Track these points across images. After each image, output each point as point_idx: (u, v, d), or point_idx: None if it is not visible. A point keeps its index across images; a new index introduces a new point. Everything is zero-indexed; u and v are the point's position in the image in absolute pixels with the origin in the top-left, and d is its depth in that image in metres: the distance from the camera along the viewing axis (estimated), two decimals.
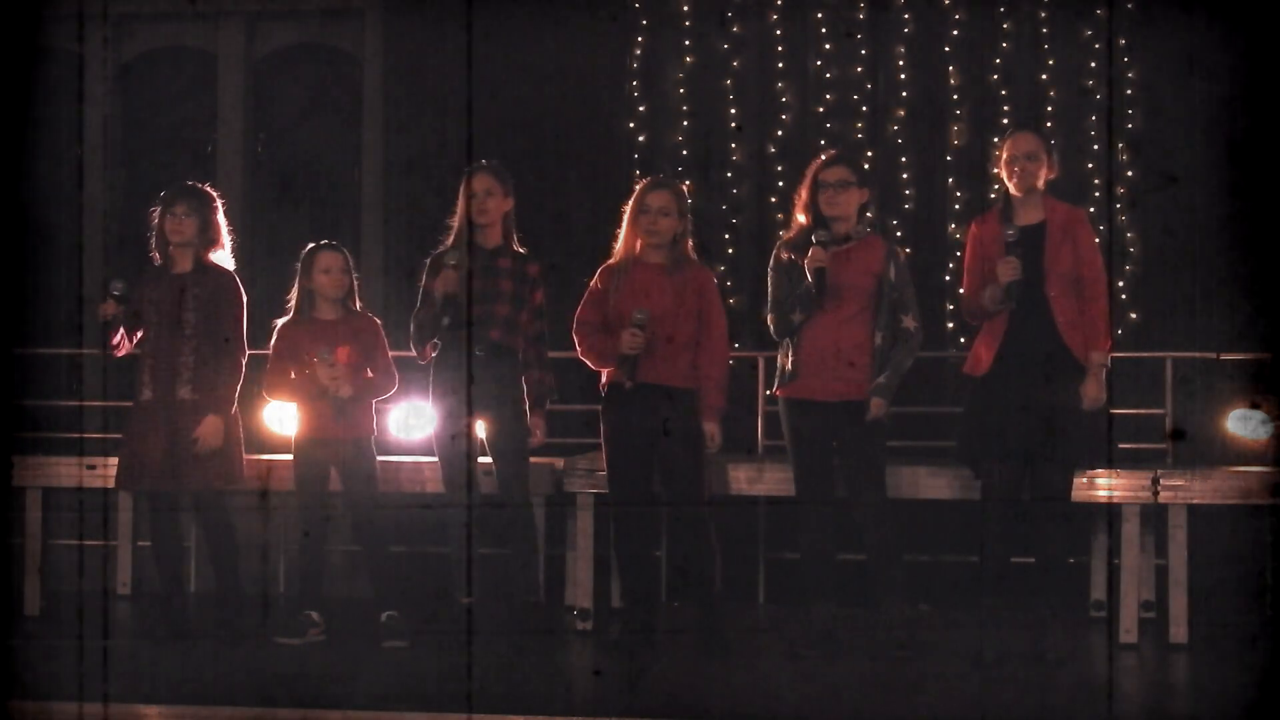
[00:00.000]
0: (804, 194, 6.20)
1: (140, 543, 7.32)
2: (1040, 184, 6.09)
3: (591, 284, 6.24)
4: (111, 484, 7.01)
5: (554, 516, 6.92)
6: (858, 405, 6.05)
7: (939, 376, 7.54)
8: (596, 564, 6.78)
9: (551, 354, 6.50)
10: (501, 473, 6.36)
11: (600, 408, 6.26)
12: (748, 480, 6.66)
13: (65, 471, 7.12)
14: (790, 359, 6.14)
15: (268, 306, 6.82)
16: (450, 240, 6.33)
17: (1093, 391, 6.01)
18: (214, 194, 6.53)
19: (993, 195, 6.21)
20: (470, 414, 6.29)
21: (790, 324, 6.12)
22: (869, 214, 6.22)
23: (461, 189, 6.32)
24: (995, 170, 6.25)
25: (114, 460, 6.93)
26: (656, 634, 6.30)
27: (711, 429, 6.18)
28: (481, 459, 6.44)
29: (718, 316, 6.25)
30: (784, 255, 6.18)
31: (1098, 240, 7.53)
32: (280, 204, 8.66)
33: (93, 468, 7.08)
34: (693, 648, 6.22)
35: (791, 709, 5.45)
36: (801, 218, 6.19)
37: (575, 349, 6.34)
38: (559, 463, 6.72)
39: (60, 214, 8.71)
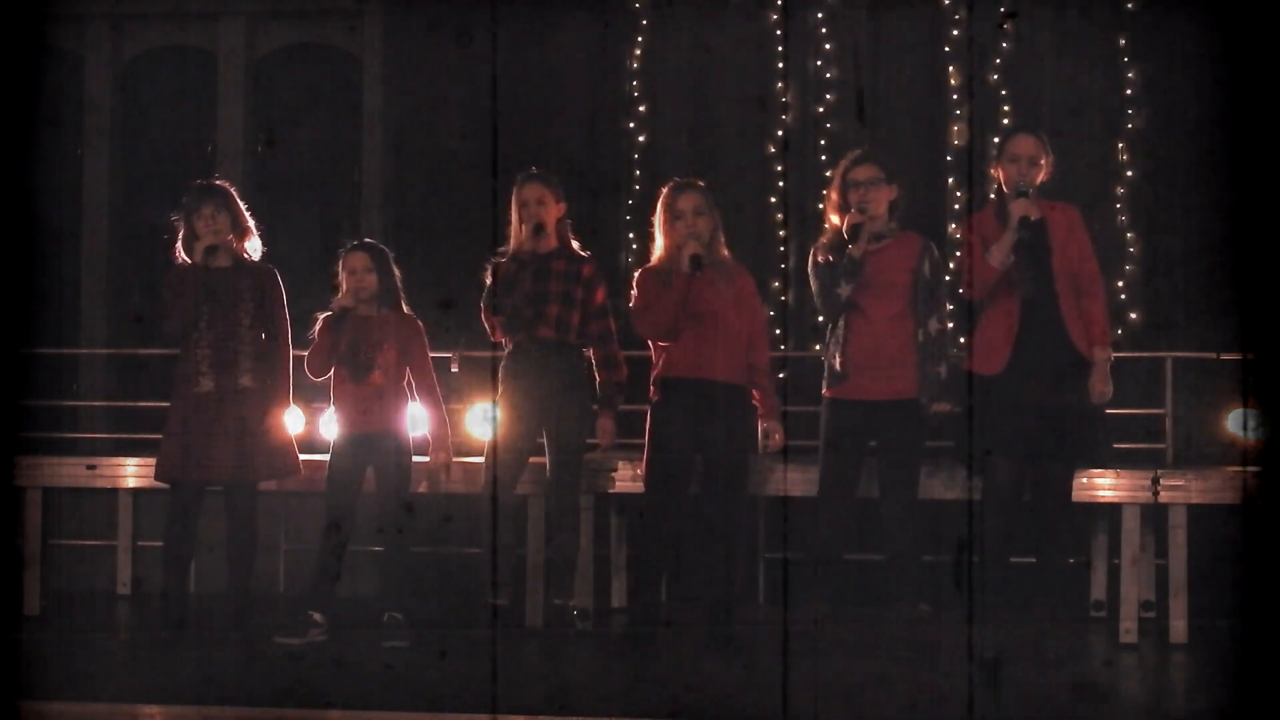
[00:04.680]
0: (834, 195, 6.22)
1: (141, 542, 7.32)
2: (1037, 184, 6.14)
3: (634, 292, 6.23)
4: (111, 484, 7.02)
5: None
6: (906, 404, 6.08)
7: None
8: (596, 564, 6.78)
9: None
10: (553, 473, 6.41)
11: (651, 400, 6.26)
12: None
13: (65, 471, 7.12)
14: (839, 359, 6.14)
15: None
16: (510, 248, 6.42)
17: (1100, 386, 6.09)
18: (227, 185, 6.58)
19: (991, 195, 6.23)
20: (526, 416, 6.36)
21: (837, 299, 6.10)
22: (904, 210, 6.26)
23: (514, 199, 6.41)
24: (991, 170, 6.26)
25: (114, 460, 6.94)
26: (659, 634, 6.30)
27: (775, 426, 6.20)
28: (536, 458, 6.48)
29: (760, 313, 6.29)
30: (820, 257, 6.19)
31: (1095, 240, 7.63)
32: (280, 204, 8.65)
33: (93, 468, 7.08)
34: (697, 648, 6.22)
35: (791, 709, 5.45)
36: (834, 218, 6.20)
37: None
38: None
39: (61, 214, 8.72)
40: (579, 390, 6.41)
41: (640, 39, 8.03)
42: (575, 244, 6.50)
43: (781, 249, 7.86)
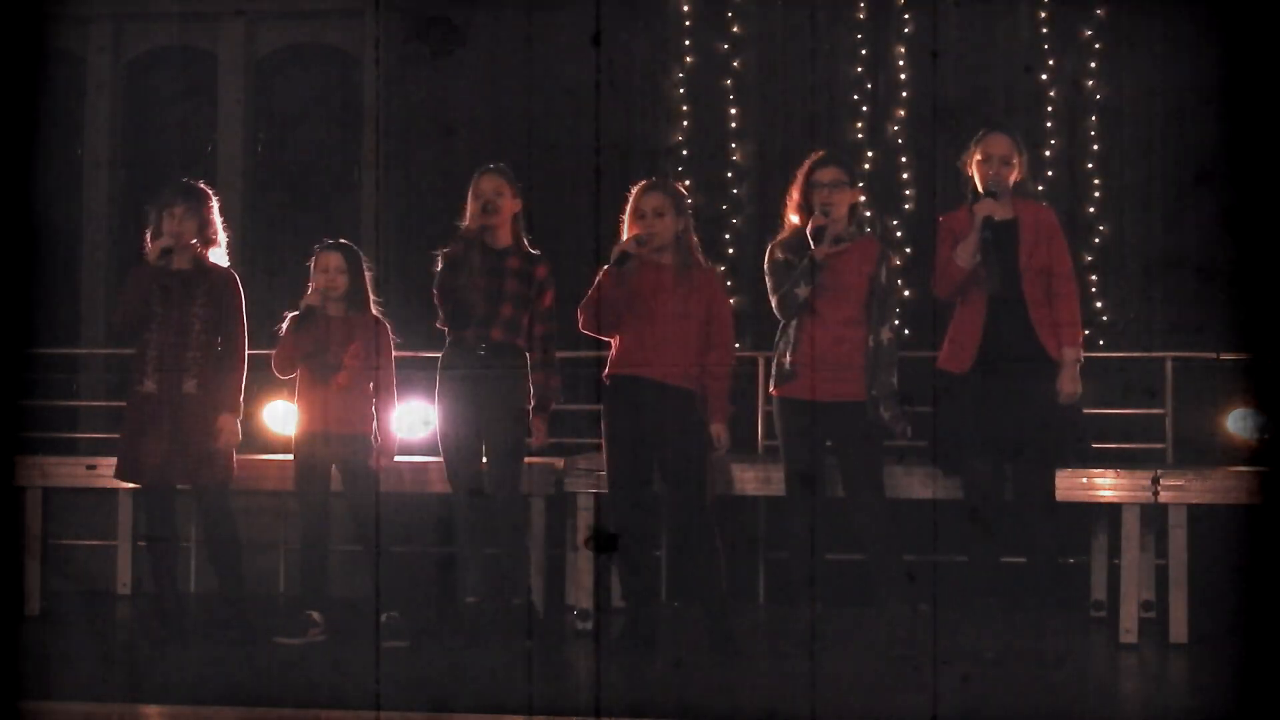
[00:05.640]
0: (796, 194, 6.22)
1: (141, 542, 7.32)
2: (1010, 185, 6.14)
3: (596, 283, 6.21)
4: (111, 484, 7.02)
5: (554, 516, 6.93)
6: (855, 406, 6.07)
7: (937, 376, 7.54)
8: (596, 564, 6.78)
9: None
10: (492, 472, 6.36)
11: (602, 402, 6.26)
12: (749, 480, 6.66)
13: (65, 471, 7.13)
14: (788, 358, 6.15)
15: (266, 306, 6.83)
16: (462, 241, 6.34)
17: (1068, 387, 6.10)
18: (208, 190, 6.56)
19: (969, 194, 6.24)
20: (470, 413, 6.32)
21: (796, 299, 6.10)
22: (864, 214, 6.26)
23: (470, 191, 6.35)
24: (966, 170, 6.27)
25: (114, 460, 6.93)
26: (658, 634, 6.30)
27: (719, 430, 6.19)
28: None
29: (725, 317, 6.26)
30: (779, 255, 6.19)
31: (1096, 240, 7.64)
32: (280, 204, 8.66)
33: (93, 468, 7.09)
34: (697, 648, 6.22)
35: (791, 709, 5.45)
36: (794, 218, 6.21)
37: (577, 351, 6.37)
38: (559, 463, 6.72)
39: (61, 214, 8.72)
40: (517, 393, 6.32)
41: (640, 39, 8.04)
42: (526, 243, 6.41)
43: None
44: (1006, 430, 6.05)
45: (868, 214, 6.28)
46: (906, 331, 7.26)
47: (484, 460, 6.39)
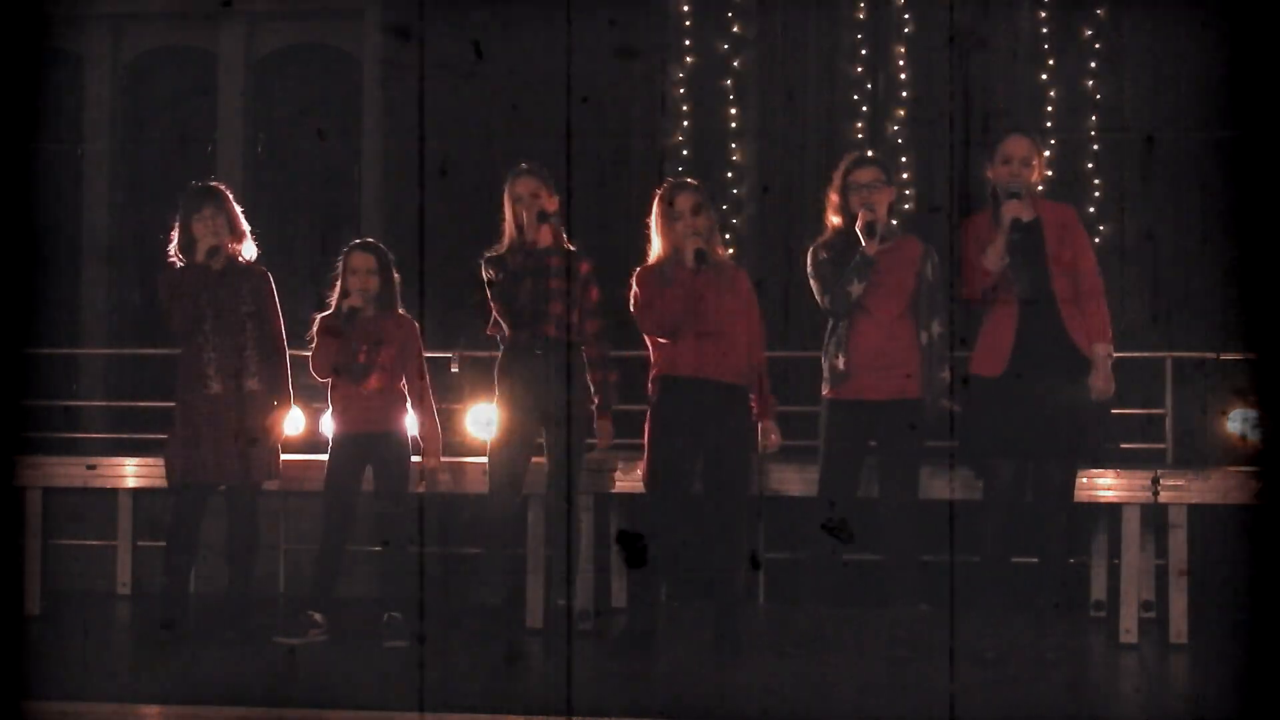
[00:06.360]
0: (834, 196, 6.23)
1: (140, 542, 7.32)
2: (1032, 185, 6.15)
3: (635, 290, 6.21)
4: (111, 484, 7.03)
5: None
6: (907, 404, 6.08)
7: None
8: (596, 564, 6.79)
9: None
10: (554, 472, 6.38)
11: (652, 399, 6.25)
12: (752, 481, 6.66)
13: (65, 471, 7.12)
14: (842, 359, 6.14)
15: None
16: (504, 244, 6.37)
17: (1100, 384, 6.08)
18: (224, 188, 6.58)
19: (989, 197, 6.25)
20: (529, 416, 6.36)
21: (849, 297, 6.11)
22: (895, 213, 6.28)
23: (506, 193, 6.37)
24: (987, 173, 6.27)
25: (114, 460, 6.94)
26: (658, 634, 6.30)
27: (771, 427, 6.26)
28: (535, 458, 6.47)
29: (757, 314, 6.30)
30: (824, 255, 6.19)
31: (1096, 240, 7.64)
32: (280, 204, 8.66)
33: (93, 467, 7.09)
34: (697, 648, 6.22)
35: (791, 709, 5.45)
36: (835, 219, 6.22)
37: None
38: None
39: (61, 214, 8.72)
40: (579, 390, 6.40)
41: (640, 39, 8.04)
42: (566, 240, 6.46)
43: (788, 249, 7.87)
44: (1041, 431, 6.04)
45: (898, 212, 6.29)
46: None
47: (539, 461, 6.42)
